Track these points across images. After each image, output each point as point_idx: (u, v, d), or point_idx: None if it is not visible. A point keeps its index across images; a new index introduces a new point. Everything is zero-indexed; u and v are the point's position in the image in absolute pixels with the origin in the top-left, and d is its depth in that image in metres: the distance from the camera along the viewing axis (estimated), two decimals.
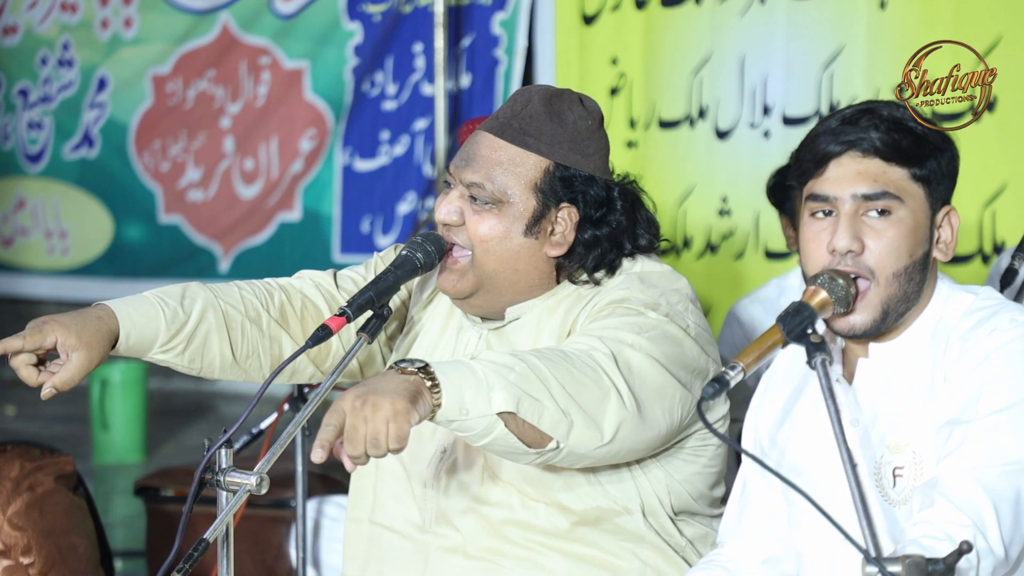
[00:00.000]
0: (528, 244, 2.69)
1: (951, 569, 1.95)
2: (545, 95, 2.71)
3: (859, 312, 2.25)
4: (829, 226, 2.25)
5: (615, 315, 2.58)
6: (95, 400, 7.58)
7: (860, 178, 2.23)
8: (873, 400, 2.31)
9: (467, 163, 2.69)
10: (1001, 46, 5.48)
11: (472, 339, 2.80)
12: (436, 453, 2.76)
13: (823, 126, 2.29)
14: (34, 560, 3.47)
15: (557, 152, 2.68)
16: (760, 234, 6.24)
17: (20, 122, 9.76)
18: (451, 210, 2.69)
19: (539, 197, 2.67)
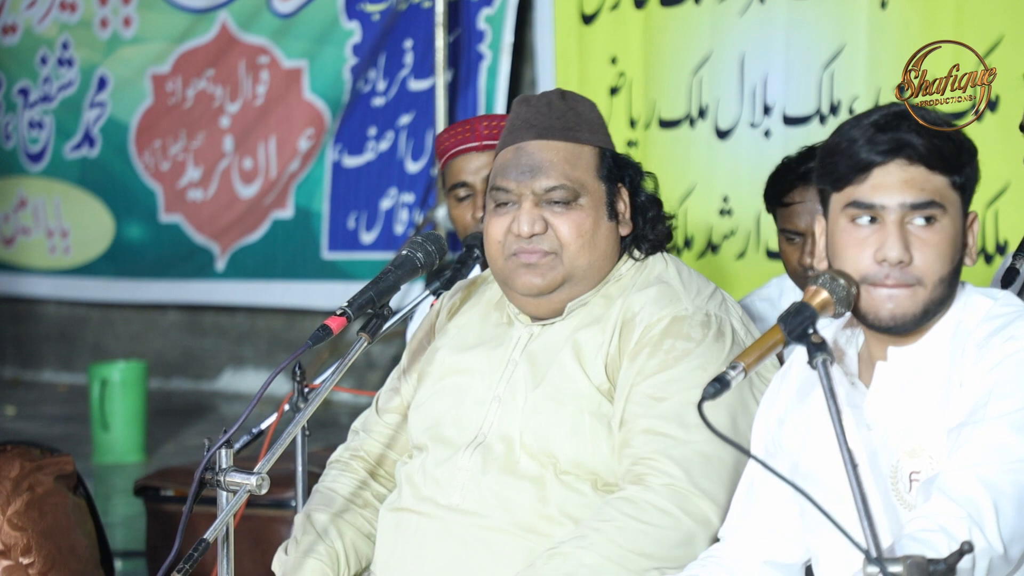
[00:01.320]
0: (612, 228, 2.81)
1: (952, 569, 1.95)
2: (559, 95, 2.83)
3: (904, 302, 2.23)
4: (873, 234, 2.23)
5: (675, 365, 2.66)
6: (95, 400, 7.58)
7: (907, 187, 2.22)
8: (890, 404, 2.30)
9: (533, 173, 2.75)
10: (1002, 46, 5.48)
11: (522, 337, 2.83)
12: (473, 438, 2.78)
13: (858, 131, 2.25)
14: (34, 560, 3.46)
15: (599, 139, 2.83)
16: (761, 233, 6.23)
17: (21, 121, 9.76)
18: (532, 219, 2.75)
19: (605, 183, 2.80)
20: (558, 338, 2.79)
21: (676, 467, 2.58)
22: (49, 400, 9.40)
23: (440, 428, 2.83)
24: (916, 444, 2.27)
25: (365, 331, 2.67)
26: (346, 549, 2.87)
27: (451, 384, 2.87)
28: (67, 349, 10.05)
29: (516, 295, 2.81)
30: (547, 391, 2.74)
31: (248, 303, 8.98)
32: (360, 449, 3.02)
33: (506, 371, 2.81)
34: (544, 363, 2.77)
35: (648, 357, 2.68)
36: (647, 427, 2.62)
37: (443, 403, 2.85)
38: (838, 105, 6.05)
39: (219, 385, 9.42)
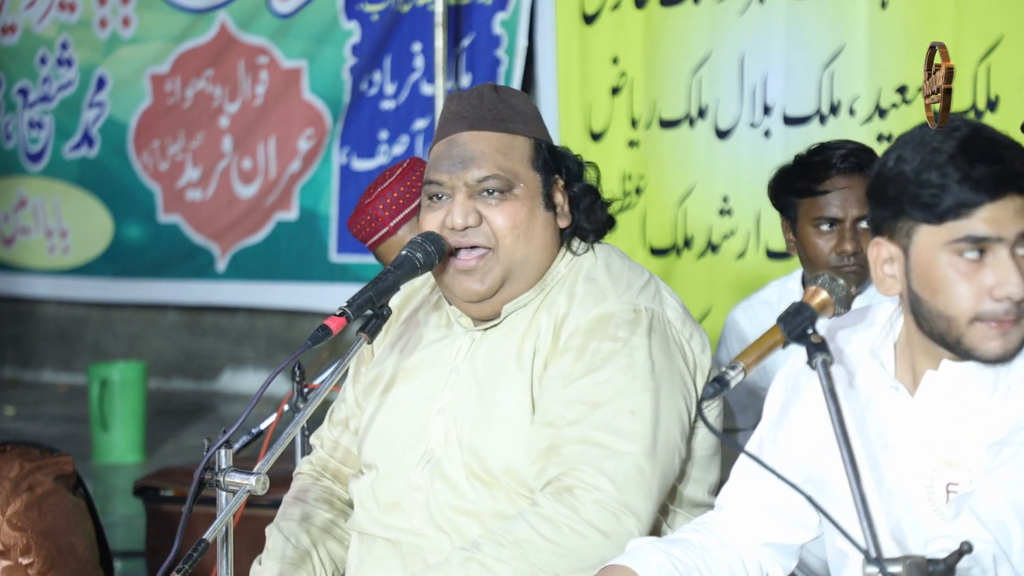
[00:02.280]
0: (549, 219, 2.75)
1: (951, 569, 1.94)
2: (491, 89, 2.78)
3: (1012, 335, 2.19)
4: (983, 268, 2.16)
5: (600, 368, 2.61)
6: (95, 400, 7.58)
7: (1019, 217, 2.15)
8: (933, 414, 2.28)
9: (464, 164, 2.71)
10: (1002, 46, 5.48)
11: (464, 344, 2.79)
12: (422, 455, 2.75)
13: (950, 165, 2.15)
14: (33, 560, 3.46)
15: (533, 130, 2.77)
16: (761, 233, 6.23)
17: (21, 121, 9.76)
18: (465, 211, 2.70)
19: (540, 173, 2.75)
20: (500, 347, 2.74)
21: (608, 482, 2.53)
22: (49, 400, 9.40)
23: (388, 445, 2.79)
24: (955, 455, 2.24)
25: (364, 331, 2.67)
26: (319, 553, 2.86)
27: (395, 397, 2.82)
28: (67, 349, 10.05)
29: (456, 299, 2.77)
30: (490, 403, 2.70)
31: (250, 304, 8.98)
32: (319, 462, 3.01)
33: (449, 379, 2.76)
34: (488, 375, 2.72)
35: (575, 360, 2.63)
36: (582, 436, 2.57)
37: (389, 419, 2.81)
38: (838, 105, 6.05)
39: (219, 385, 9.42)
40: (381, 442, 2.81)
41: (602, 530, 2.51)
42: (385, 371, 2.87)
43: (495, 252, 2.70)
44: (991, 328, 2.17)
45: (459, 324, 2.81)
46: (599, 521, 2.51)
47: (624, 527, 2.52)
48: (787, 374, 2.50)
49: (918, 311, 2.23)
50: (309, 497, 2.95)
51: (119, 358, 9.06)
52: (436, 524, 2.70)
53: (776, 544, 2.47)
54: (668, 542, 2.44)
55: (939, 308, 2.19)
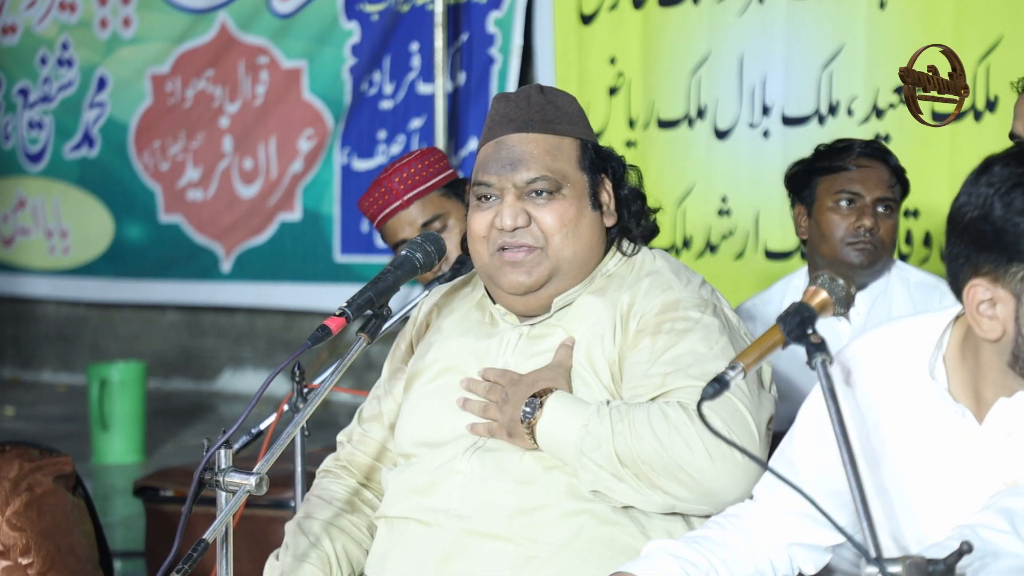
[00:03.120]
0: (596, 218, 2.80)
1: (951, 569, 1.94)
2: (538, 90, 2.81)
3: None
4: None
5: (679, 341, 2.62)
6: (94, 400, 7.58)
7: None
8: (1000, 439, 2.28)
9: (513, 166, 2.74)
10: (1001, 46, 5.48)
11: (512, 339, 2.80)
12: (471, 444, 2.75)
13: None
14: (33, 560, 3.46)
15: (579, 130, 2.81)
16: (760, 234, 6.23)
17: (21, 121, 9.76)
18: (514, 212, 2.73)
19: (587, 173, 2.79)
20: (553, 341, 2.75)
21: (721, 422, 2.50)
22: (48, 400, 9.40)
23: (432, 435, 2.79)
24: (1018, 477, 2.24)
25: (364, 331, 2.67)
26: (337, 554, 2.86)
27: (441, 389, 2.82)
28: (66, 349, 10.05)
29: (502, 293, 2.79)
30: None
31: (254, 305, 8.98)
32: (346, 459, 3.01)
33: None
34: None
35: (651, 342, 2.65)
36: (683, 384, 2.57)
37: (435, 410, 2.81)
38: (837, 105, 6.05)
39: (218, 385, 9.42)
40: (422, 432, 2.81)
41: (708, 451, 2.50)
42: (430, 365, 2.87)
43: (544, 251, 2.74)
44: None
45: (504, 321, 2.83)
46: (710, 442, 2.49)
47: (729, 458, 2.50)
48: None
49: (1016, 352, 2.22)
50: (331, 496, 2.95)
51: (119, 358, 9.06)
52: (475, 506, 2.68)
53: (806, 544, 2.47)
54: (686, 543, 2.44)
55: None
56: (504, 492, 2.67)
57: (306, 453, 3.31)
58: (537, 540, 2.64)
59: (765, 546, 2.47)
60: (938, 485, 2.31)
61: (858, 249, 3.72)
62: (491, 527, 2.66)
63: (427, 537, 2.72)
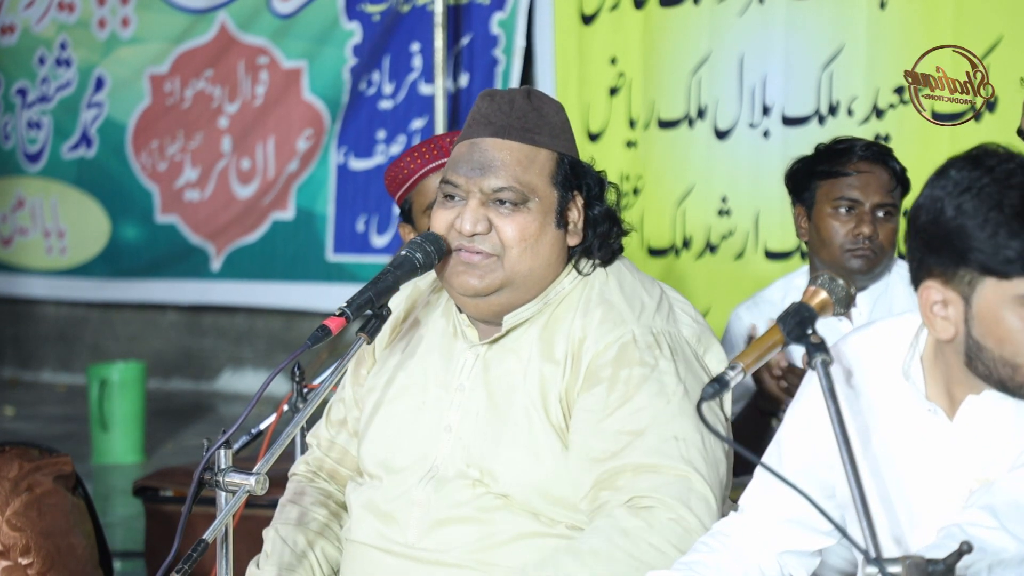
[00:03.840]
0: (558, 236, 2.75)
1: (951, 569, 1.94)
2: (524, 94, 2.76)
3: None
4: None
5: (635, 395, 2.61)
6: (94, 400, 7.58)
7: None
8: (972, 436, 2.29)
9: (483, 171, 2.70)
10: (1001, 46, 5.48)
11: (468, 360, 2.79)
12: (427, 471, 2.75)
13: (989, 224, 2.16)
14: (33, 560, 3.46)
15: (559, 143, 2.75)
16: (760, 234, 6.23)
17: (19, 121, 9.76)
18: (475, 218, 2.70)
19: (558, 189, 2.74)
20: (508, 366, 2.73)
21: (681, 505, 2.54)
22: (48, 400, 9.39)
23: (391, 459, 2.79)
24: (990, 474, 2.26)
25: (364, 331, 2.67)
26: (319, 560, 2.86)
27: (400, 410, 2.82)
28: (66, 349, 10.04)
29: (454, 292, 2.77)
30: (504, 426, 2.70)
31: (245, 303, 8.98)
32: (315, 463, 3.01)
33: (455, 398, 2.76)
34: (499, 395, 2.72)
35: (608, 392, 2.63)
36: (636, 464, 2.58)
37: (393, 432, 2.81)
38: (837, 106, 6.05)
39: (218, 385, 9.41)
40: (384, 455, 2.81)
41: (678, 547, 2.52)
42: (389, 379, 2.86)
43: (500, 259, 2.70)
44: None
45: (464, 338, 2.80)
46: (674, 538, 2.52)
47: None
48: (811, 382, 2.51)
49: (977, 356, 2.23)
50: (304, 500, 2.95)
51: (118, 358, 9.06)
52: (434, 539, 2.69)
53: (796, 551, 2.48)
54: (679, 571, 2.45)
55: (1005, 357, 2.22)
56: (459, 521, 2.68)
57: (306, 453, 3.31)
58: (498, 564, 2.65)
59: (756, 560, 2.47)
60: (914, 484, 2.32)
61: (858, 256, 3.71)
62: (450, 557, 2.67)
63: (390, 567, 2.73)
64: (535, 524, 2.65)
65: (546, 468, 2.65)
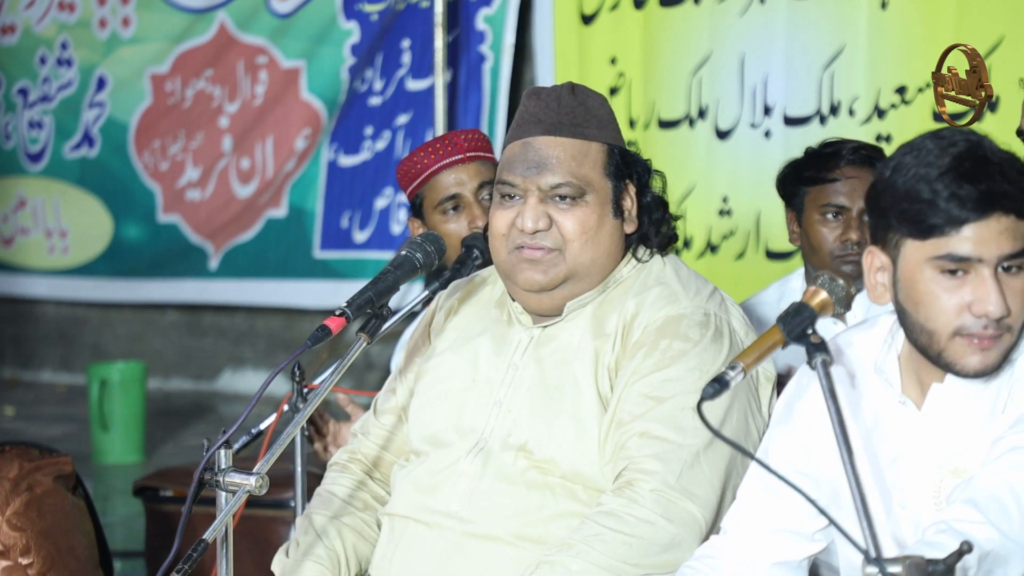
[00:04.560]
0: (616, 226, 2.81)
1: (951, 570, 1.95)
2: (568, 90, 2.81)
3: (993, 352, 2.22)
4: (965, 285, 2.19)
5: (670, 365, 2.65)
6: (94, 400, 7.58)
7: (1004, 238, 2.17)
8: (940, 425, 2.30)
9: (539, 169, 2.75)
10: (1002, 47, 5.47)
11: (523, 340, 2.82)
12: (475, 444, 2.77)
13: (940, 181, 2.17)
14: (33, 560, 3.46)
15: (607, 135, 2.81)
16: (761, 234, 6.23)
17: (21, 121, 9.76)
18: (536, 215, 2.74)
19: (612, 180, 2.80)
20: (562, 345, 2.78)
21: (664, 469, 2.57)
22: (48, 400, 9.39)
23: (440, 434, 2.83)
24: (960, 463, 2.26)
25: (364, 331, 2.67)
26: (346, 551, 2.87)
27: (451, 388, 2.86)
28: (66, 349, 10.04)
29: (518, 289, 2.81)
30: (553, 400, 2.73)
31: (241, 302, 8.98)
32: (357, 452, 3.03)
33: (507, 375, 2.80)
34: (552, 373, 2.76)
35: (645, 356, 2.68)
36: (643, 430, 2.62)
37: (443, 408, 2.85)
38: (838, 106, 6.05)
39: (218, 385, 9.41)
40: (434, 429, 2.85)
41: (664, 515, 2.55)
42: (442, 362, 2.90)
43: (562, 253, 2.75)
44: (971, 344, 2.20)
45: (519, 322, 2.85)
46: (658, 508, 2.55)
47: (685, 510, 2.57)
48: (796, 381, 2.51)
49: (904, 322, 2.26)
50: (341, 492, 2.97)
51: (119, 358, 9.06)
52: (476, 509, 2.72)
53: (785, 562, 2.48)
54: None
55: (921, 321, 2.23)
56: (502, 495, 2.71)
57: (306, 453, 3.32)
58: (535, 540, 2.66)
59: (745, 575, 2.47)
60: (891, 478, 2.32)
61: (847, 262, 3.69)
62: (490, 529, 2.70)
63: (429, 539, 2.75)
64: (576, 505, 2.68)
65: (591, 439, 2.69)
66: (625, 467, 2.61)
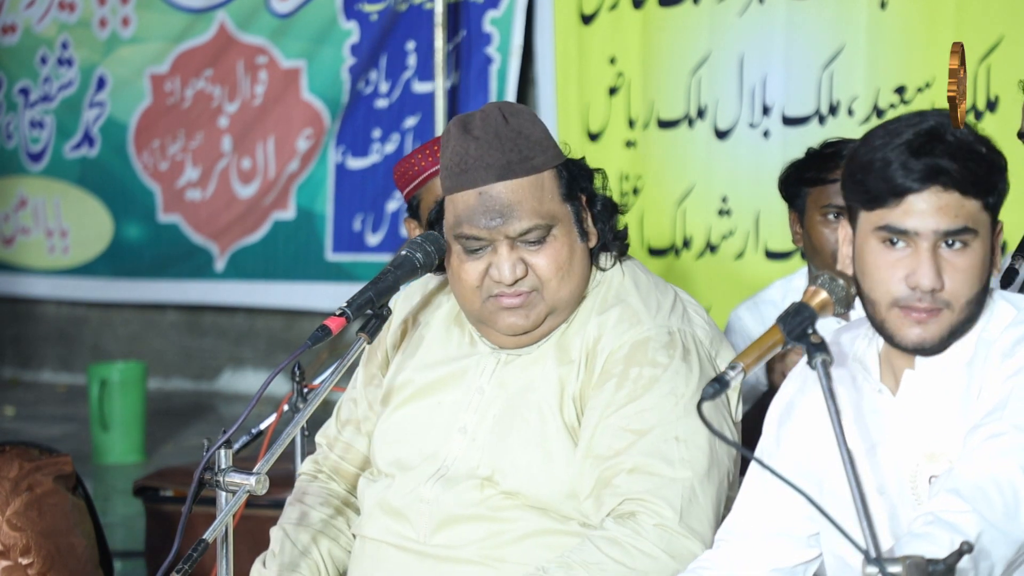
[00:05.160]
0: (584, 248, 2.75)
1: (951, 569, 1.95)
2: (502, 120, 2.69)
3: (932, 326, 2.24)
4: (905, 258, 2.22)
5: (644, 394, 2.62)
6: (94, 400, 7.57)
7: (942, 213, 2.20)
8: (915, 411, 2.31)
9: (503, 218, 2.66)
10: (1002, 46, 5.48)
11: (489, 365, 2.79)
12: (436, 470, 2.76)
13: (891, 152, 2.22)
14: (33, 560, 3.46)
15: (552, 158, 2.73)
16: (760, 234, 6.23)
17: (22, 121, 9.76)
18: (512, 264, 2.68)
19: (569, 202, 2.73)
20: (528, 370, 2.74)
21: (668, 508, 2.55)
22: (48, 400, 9.39)
23: (404, 458, 2.80)
24: (936, 449, 2.27)
25: (364, 331, 2.67)
26: (324, 560, 2.87)
27: (415, 410, 2.83)
28: (66, 349, 10.04)
29: (493, 332, 2.75)
30: (519, 429, 2.70)
31: (248, 304, 8.98)
32: (323, 462, 3.02)
33: (473, 400, 2.77)
34: (518, 399, 2.72)
35: (616, 388, 2.64)
36: (632, 466, 2.59)
37: (407, 432, 2.82)
38: (837, 106, 6.05)
39: (218, 385, 9.41)
40: (397, 453, 2.82)
41: (667, 551, 2.53)
42: (405, 382, 2.86)
43: (540, 293, 2.70)
44: (908, 316, 2.24)
45: (482, 343, 2.81)
46: (661, 543, 2.53)
47: (687, 549, 2.55)
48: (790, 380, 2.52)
49: (859, 295, 2.30)
50: (310, 499, 2.95)
51: (119, 358, 9.06)
52: (443, 535, 2.71)
53: (782, 568, 2.48)
54: None
55: (867, 291, 2.28)
56: (469, 520, 2.69)
57: (306, 453, 3.31)
58: (509, 561, 2.66)
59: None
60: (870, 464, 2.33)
61: None
62: (461, 553, 2.69)
63: (401, 560, 2.74)
64: (547, 521, 2.67)
65: (558, 467, 2.66)
66: (623, 501, 2.58)
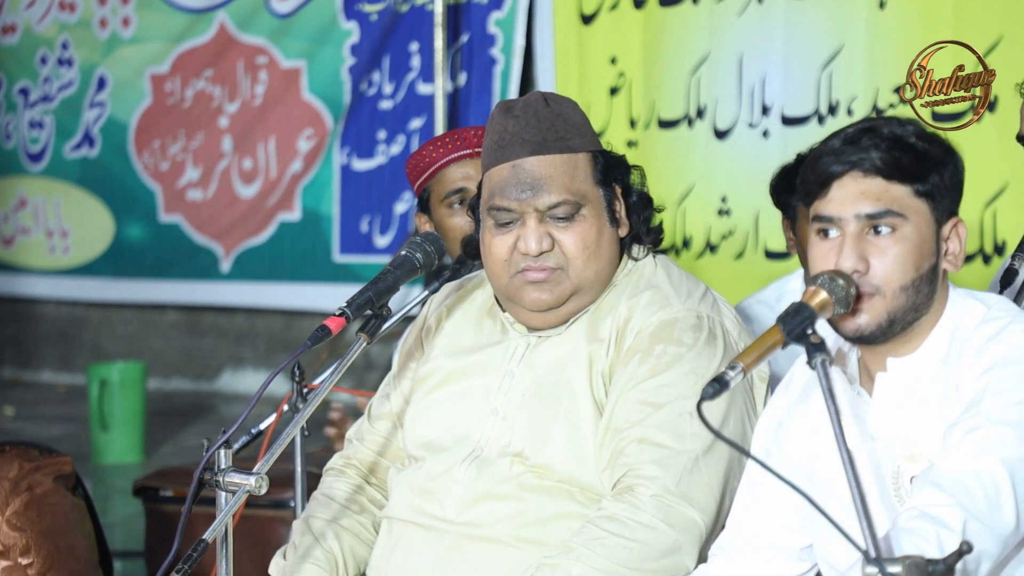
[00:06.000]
0: (613, 234, 2.80)
1: (951, 569, 1.95)
2: (543, 102, 2.78)
3: (864, 314, 2.26)
4: (835, 246, 2.26)
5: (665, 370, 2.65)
6: (94, 400, 7.58)
7: (862, 198, 2.24)
8: (892, 412, 2.32)
9: (534, 190, 2.72)
10: (1001, 46, 5.48)
11: (519, 347, 2.82)
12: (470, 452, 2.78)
13: (826, 146, 2.29)
14: (33, 560, 3.46)
15: (589, 142, 2.79)
16: (760, 234, 6.23)
17: (22, 121, 9.77)
18: (539, 237, 2.72)
19: (602, 187, 2.78)
20: (558, 352, 2.77)
21: (664, 475, 2.58)
22: (48, 400, 9.40)
23: (436, 440, 2.83)
24: (916, 449, 2.28)
25: (364, 331, 2.67)
26: (344, 553, 2.87)
27: (446, 394, 2.86)
28: (66, 349, 10.05)
29: (521, 310, 2.80)
30: (549, 406, 2.73)
31: (253, 305, 8.99)
32: (353, 457, 3.03)
33: (503, 382, 2.80)
34: (548, 378, 2.76)
35: (640, 363, 2.68)
36: (642, 436, 2.62)
37: (439, 415, 2.85)
38: (836, 105, 6.05)
39: (218, 385, 9.42)
40: (430, 437, 2.85)
41: (665, 520, 2.55)
42: (437, 369, 2.90)
43: (565, 271, 2.74)
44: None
45: (513, 329, 2.84)
46: (659, 513, 2.56)
47: (686, 516, 2.57)
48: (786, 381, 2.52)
49: None
50: (337, 495, 2.97)
51: (119, 358, 9.06)
52: (473, 514, 2.72)
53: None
54: None
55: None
56: (499, 499, 2.71)
57: (306, 453, 3.32)
58: (535, 542, 2.67)
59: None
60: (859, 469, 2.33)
61: None
62: (488, 532, 2.71)
63: (427, 541, 2.76)
64: (574, 505, 2.69)
65: (587, 442, 2.69)
66: (625, 473, 2.61)
